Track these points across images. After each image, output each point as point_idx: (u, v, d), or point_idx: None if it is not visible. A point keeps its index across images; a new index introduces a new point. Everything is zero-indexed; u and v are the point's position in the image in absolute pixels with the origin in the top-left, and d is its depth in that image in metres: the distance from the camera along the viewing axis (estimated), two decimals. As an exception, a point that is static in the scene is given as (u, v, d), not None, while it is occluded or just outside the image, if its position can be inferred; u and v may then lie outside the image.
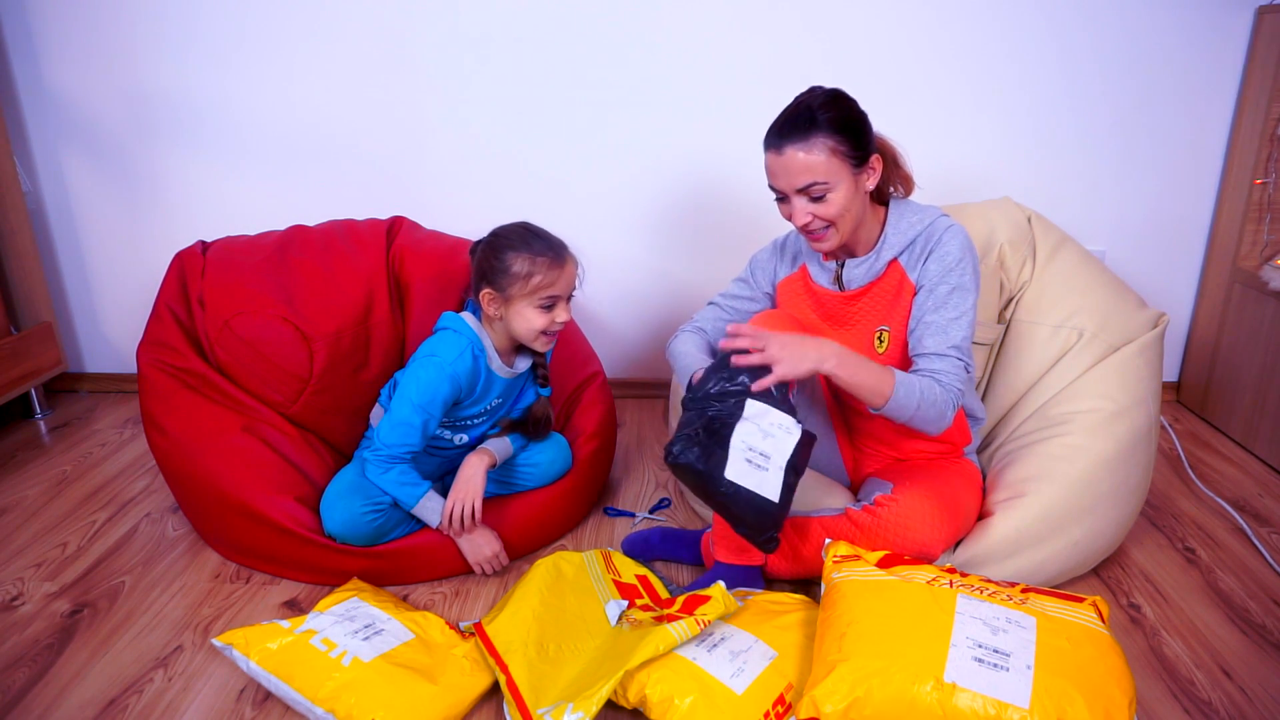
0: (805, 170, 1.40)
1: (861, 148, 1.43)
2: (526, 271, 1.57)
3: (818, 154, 1.39)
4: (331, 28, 2.27)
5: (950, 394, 1.43)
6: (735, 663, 1.27)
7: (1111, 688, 1.12)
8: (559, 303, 1.61)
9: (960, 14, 2.20)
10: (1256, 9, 2.16)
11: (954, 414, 1.44)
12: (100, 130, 2.38)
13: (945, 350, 1.45)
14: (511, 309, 1.60)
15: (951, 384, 1.43)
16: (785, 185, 1.44)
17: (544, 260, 1.57)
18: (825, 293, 1.59)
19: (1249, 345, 2.20)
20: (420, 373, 1.61)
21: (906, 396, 1.39)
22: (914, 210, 1.53)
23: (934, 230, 1.49)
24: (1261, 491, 1.98)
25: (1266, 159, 2.17)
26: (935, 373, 1.44)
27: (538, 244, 1.59)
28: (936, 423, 1.43)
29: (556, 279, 1.58)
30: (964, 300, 1.47)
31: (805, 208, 1.44)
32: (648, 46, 2.25)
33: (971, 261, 1.48)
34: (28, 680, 1.41)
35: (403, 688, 1.27)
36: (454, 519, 1.61)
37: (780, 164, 1.42)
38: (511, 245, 1.59)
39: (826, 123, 1.39)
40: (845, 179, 1.42)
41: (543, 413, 1.78)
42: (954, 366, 1.44)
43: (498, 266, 1.58)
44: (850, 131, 1.41)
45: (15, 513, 1.94)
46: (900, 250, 1.51)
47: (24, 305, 2.44)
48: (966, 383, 1.47)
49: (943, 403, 1.42)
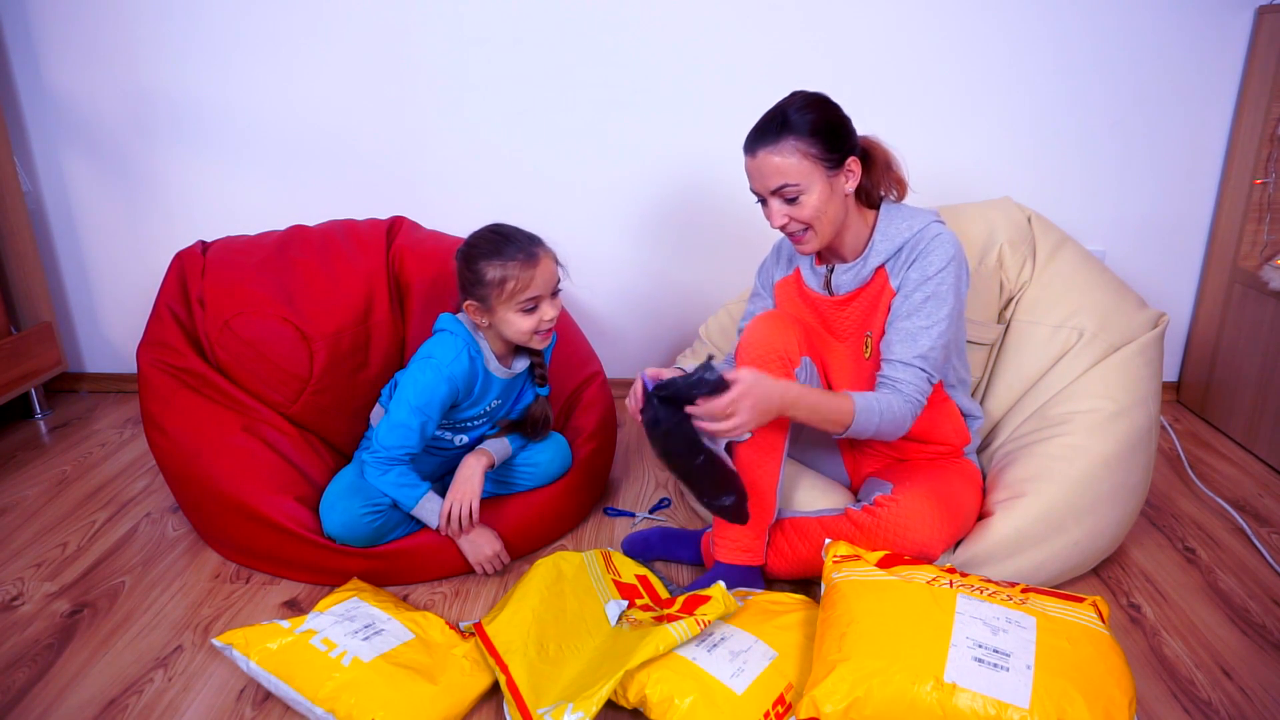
0: (776, 172, 1.42)
1: (836, 150, 1.43)
2: (500, 279, 1.54)
3: (788, 156, 1.41)
4: (332, 28, 2.27)
5: (910, 404, 1.47)
6: (735, 663, 1.27)
7: (1111, 688, 1.12)
8: (542, 301, 1.59)
9: (960, 14, 2.20)
10: (1256, 9, 2.16)
11: (911, 422, 1.49)
12: (100, 130, 2.38)
13: (910, 359, 1.47)
14: (497, 316, 1.59)
15: (911, 394, 1.47)
16: (760, 187, 1.47)
17: (516, 264, 1.54)
18: (817, 297, 1.60)
19: (1249, 345, 2.20)
20: (418, 375, 1.61)
21: (865, 421, 1.44)
22: (905, 216, 1.52)
23: (922, 238, 1.49)
24: (1261, 491, 1.98)
25: (1266, 159, 2.17)
26: (896, 382, 1.47)
27: (508, 249, 1.56)
28: (895, 434, 1.49)
29: (532, 280, 1.56)
30: (938, 310, 1.46)
31: (781, 209, 1.46)
32: (648, 47, 2.25)
33: (955, 272, 1.47)
34: (28, 680, 1.41)
35: (403, 688, 1.27)
36: (452, 519, 1.62)
37: (754, 166, 1.45)
38: (483, 254, 1.56)
39: (798, 126, 1.41)
40: (818, 181, 1.43)
41: (541, 413, 1.78)
42: (916, 377, 1.47)
43: (473, 278, 1.57)
44: (823, 134, 1.41)
45: (15, 513, 1.94)
46: (888, 257, 1.51)
47: (24, 305, 2.44)
48: (928, 391, 1.49)
49: (901, 414, 1.46)
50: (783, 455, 1.54)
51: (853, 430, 1.44)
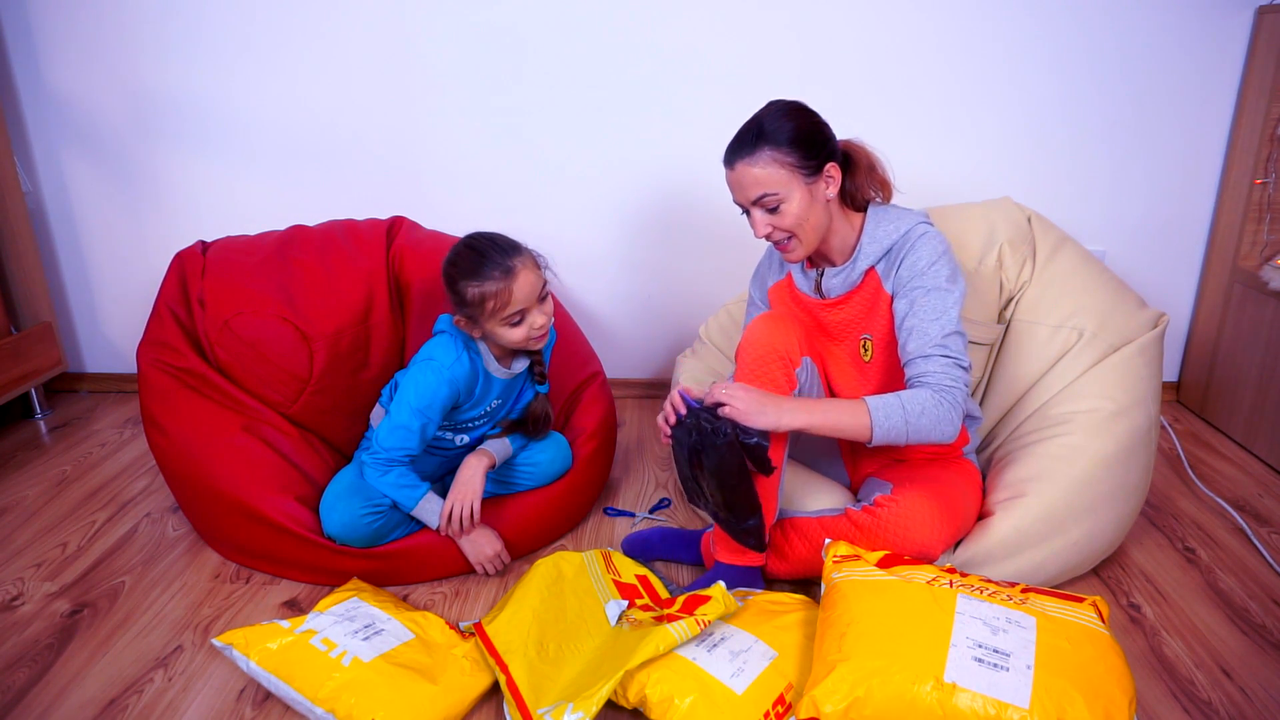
0: (755, 183, 1.43)
1: (814, 157, 1.43)
2: (480, 298, 1.54)
3: (764, 166, 1.42)
4: (332, 28, 2.27)
5: (943, 393, 1.39)
6: (735, 663, 1.27)
7: (1111, 688, 1.12)
8: (529, 312, 1.58)
9: (960, 15, 2.20)
10: (1256, 9, 2.16)
11: (960, 415, 1.39)
12: (101, 130, 2.38)
13: (928, 350, 1.42)
14: (487, 329, 1.60)
15: (941, 383, 1.40)
16: (741, 198, 1.47)
17: (494, 283, 1.53)
18: (808, 300, 1.60)
19: (1249, 345, 2.20)
20: (419, 377, 1.61)
21: (887, 418, 1.38)
22: (892, 218, 1.52)
23: (909, 238, 1.49)
24: (1261, 491, 1.98)
25: (1266, 159, 2.17)
26: (922, 376, 1.42)
27: (485, 267, 1.53)
28: (938, 428, 1.39)
29: (511, 296, 1.54)
30: (941, 300, 1.44)
31: (763, 219, 1.46)
32: (649, 48, 2.25)
33: (946, 264, 1.46)
34: (28, 680, 1.41)
35: (403, 688, 1.27)
36: (452, 520, 1.62)
37: (734, 179, 1.46)
38: (461, 274, 1.55)
39: (773, 136, 1.41)
40: (797, 189, 1.43)
41: (541, 411, 1.78)
42: (940, 365, 1.41)
43: (456, 298, 1.57)
44: (799, 142, 1.41)
45: (15, 513, 1.94)
46: (877, 259, 1.51)
47: (24, 305, 2.44)
48: (963, 377, 1.42)
49: (936, 404, 1.38)
50: (783, 456, 1.54)
51: (879, 432, 1.38)
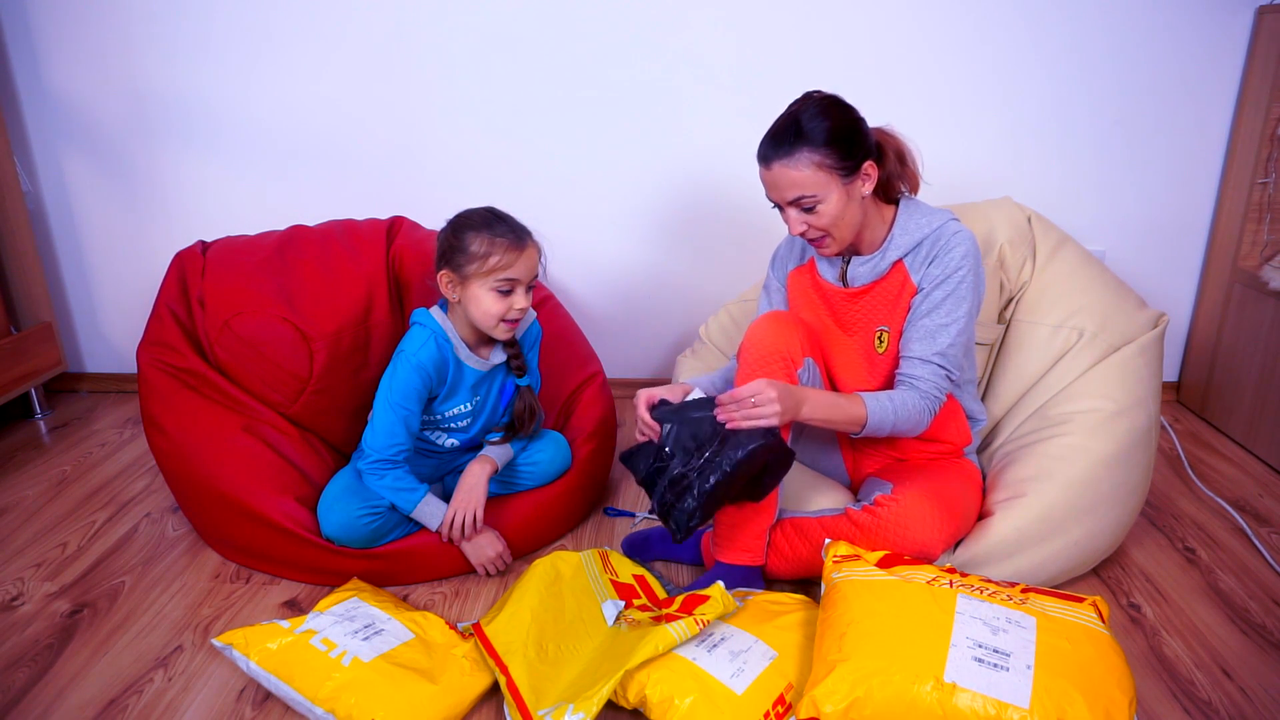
0: (792, 185, 1.42)
1: (851, 157, 1.41)
2: (484, 252, 1.54)
3: (803, 169, 1.40)
4: (332, 28, 2.27)
5: (928, 400, 1.48)
6: (735, 663, 1.27)
7: (1111, 688, 1.12)
8: (517, 288, 1.58)
9: (960, 15, 2.20)
10: (1256, 9, 2.16)
11: (931, 418, 1.50)
12: (100, 130, 2.38)
13: (929, 357, 1.48)
14: (468, 291, 1.58)
15: (929, 390, 1.48)
16: (776, 198, 1.46)
17: (503, 242, 1.55)
18: (830, 288, 1.59)
19: (1249, 345, 2.20)
20: (391, 371, 1.62)
21: (880, 420, 1.46)
22: (924, 212, 1.52)
23: (942, 234, 1.49)
24: (1261, 491, 1.98)
25: (1266, 159, 2.17)
26: (915, 379, 1.49)
27: (499, 226, 1.57)
28: (914, 430, 1.50)
29: (514, 261, 1.55)
30: (957, 308, 1.47)
31: (799, 218, 1.46)
32: (648, 46, 2.25)
33: (973, 270, 1.48)
34: (28, 680, 1.41)
35: (403, 688, 1.27)
36: (455, 527, 1.62)
37: (770, 179, 1.44)
38: (472, 226, 1.57)
39: (812, 135, 1.39)
40: (835, 190, 1.42)
41: (524, 405, 1.76)
42: (934, 374, 1.48)
43: (456, 246, 1.57)
44: (838, 143, 1.40)
45: (15, 513, 1.94)
46: (906, 251, 1.51)
47: (24, 305, 2.44)
48: (948, 388, 1.51)
49: (919, 411, 1.48)
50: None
51: (870, 427, 1.45)
